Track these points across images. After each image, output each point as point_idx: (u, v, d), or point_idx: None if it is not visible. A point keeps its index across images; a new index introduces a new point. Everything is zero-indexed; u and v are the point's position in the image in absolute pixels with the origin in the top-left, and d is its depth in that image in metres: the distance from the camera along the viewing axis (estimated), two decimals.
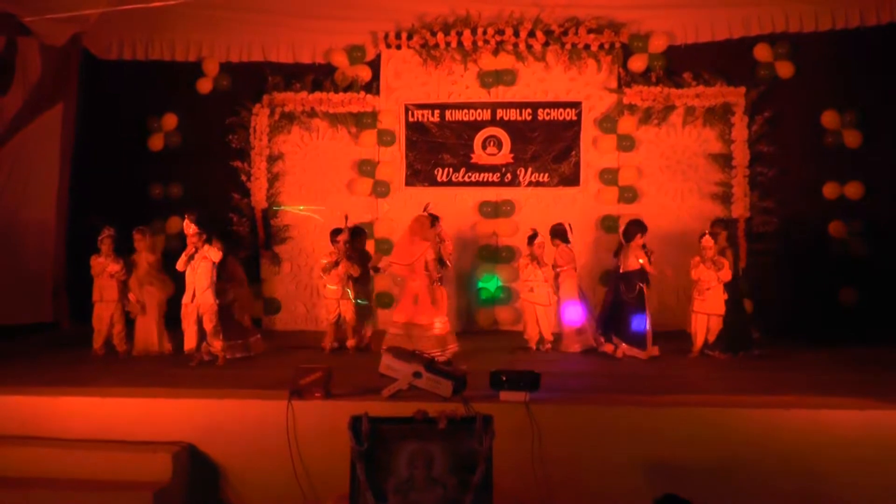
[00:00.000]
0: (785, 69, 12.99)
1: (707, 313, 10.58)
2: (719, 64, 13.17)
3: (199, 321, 10.05)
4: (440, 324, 10.19)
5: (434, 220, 10.72)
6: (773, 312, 12.18)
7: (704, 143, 13.30)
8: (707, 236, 10.54)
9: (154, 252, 11.01)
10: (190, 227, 10.05)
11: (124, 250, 11.04)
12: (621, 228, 11.30)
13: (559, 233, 11.47)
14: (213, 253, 10.09)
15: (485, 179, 13.60)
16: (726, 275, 10.46)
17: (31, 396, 8.00)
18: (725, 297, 10.56)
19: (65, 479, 7.35)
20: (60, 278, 13.19)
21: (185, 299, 10.11)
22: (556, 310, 11.32)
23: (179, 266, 10.13)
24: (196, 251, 10.04)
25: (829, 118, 12.83)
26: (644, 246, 10.84)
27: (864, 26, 12.75)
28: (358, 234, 11.55)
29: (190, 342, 10.04)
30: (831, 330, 12.10)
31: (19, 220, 12.51)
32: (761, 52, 13.06)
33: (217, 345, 10.04)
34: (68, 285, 13.17)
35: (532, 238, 11.25)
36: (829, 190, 12.83)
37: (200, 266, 10.04)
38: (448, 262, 10.92)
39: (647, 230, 10.91)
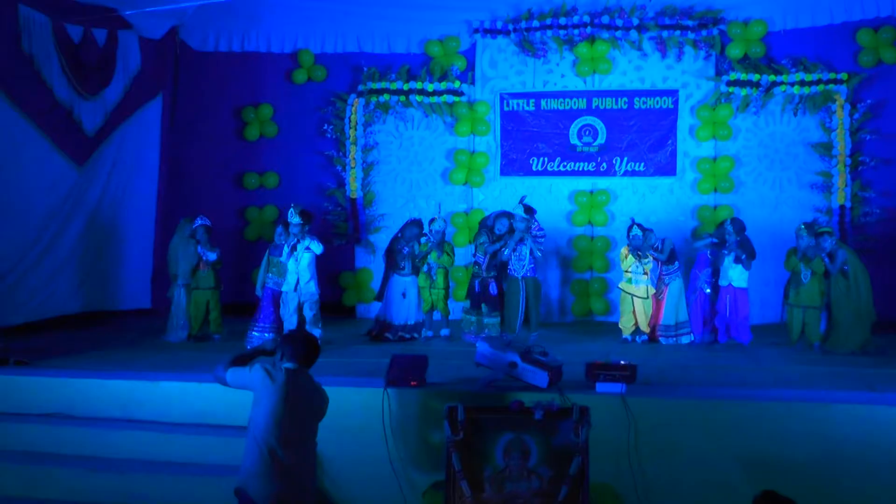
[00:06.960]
0: (889, 54, 12.56)
1: (803, 306, 10.39)
2: (820, 50, 12.82)
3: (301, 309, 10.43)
4: None
5: (530, 211, 10.84)
6: (877, 305, 11.87)
7: (804, 132, 12.97)
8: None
9: None
10: (294, 219, 10.27)
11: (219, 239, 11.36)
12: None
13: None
14: (316, 245, 10.42)
15: (580, 169, 13.48)
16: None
17: (131, 381, 8.21)
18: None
19: (162, 462, 7.55)
20: (160, 266, 13.44)
21: (287, 287, 10.37)
22: (653, 301, 11.19)
23: (283, 257, 10.35)
24: (297, 242, 10.24)
25: None
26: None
27: None
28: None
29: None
30: None
31: (123, 209, 12.81)
32: (864, 38, 12.64)
33: (317, 333, 10.17)
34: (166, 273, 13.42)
35: (630, 229, 11.15)
36: None
37: (304, 257, 10.30)
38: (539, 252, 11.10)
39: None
